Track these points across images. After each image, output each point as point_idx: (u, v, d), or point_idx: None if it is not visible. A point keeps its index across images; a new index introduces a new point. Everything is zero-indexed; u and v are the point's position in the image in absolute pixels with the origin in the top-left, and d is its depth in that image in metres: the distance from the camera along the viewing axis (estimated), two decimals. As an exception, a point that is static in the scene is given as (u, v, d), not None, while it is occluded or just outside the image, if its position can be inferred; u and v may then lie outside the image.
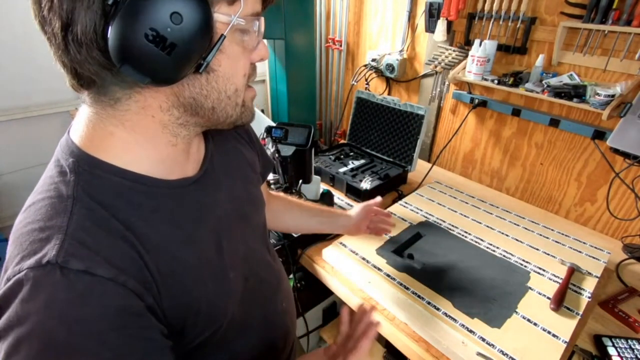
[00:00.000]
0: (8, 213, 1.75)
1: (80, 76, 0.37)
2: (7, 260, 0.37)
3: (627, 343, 0.81)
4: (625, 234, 1.22)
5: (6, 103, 1.58)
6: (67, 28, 0.33)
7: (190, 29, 0.33)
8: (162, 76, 0.36)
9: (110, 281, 0.35)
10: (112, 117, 0.40)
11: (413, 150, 1.43)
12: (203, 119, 0.43)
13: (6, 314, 0.34)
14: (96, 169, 0.39)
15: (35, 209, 0.38)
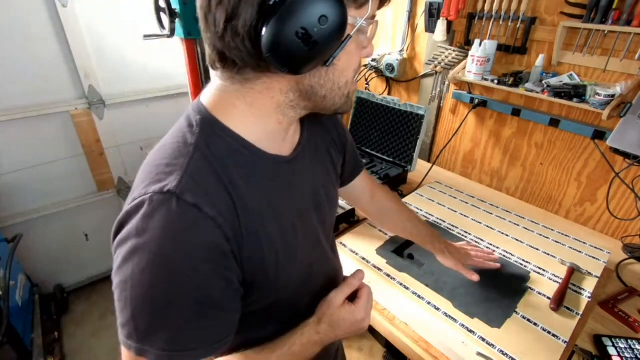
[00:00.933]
0: (8, 213, 1.75)
1: (224, 58, 0.44)
2: (134, 186, 0.45)
3: (627, 343, 0.81)
4: (625, 234, 1.22)
5: (6, 103, 1.58)
6: (230, 20, 0.40)
7: (331, 30, 0.40)
8: (297, 67, 0.42)
9: (212, 220, 0.42)
10: (238, 92, 0.47)
11: (413, 150, 1.43)
12: (312, 104, 0.49)
13: (127, 227, 0.41)
14: (217, 128, 0.47)
15: (165, 149, 0.46)
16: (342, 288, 0.60)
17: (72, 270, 2.06)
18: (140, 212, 0.41)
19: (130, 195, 0.44)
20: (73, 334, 1.89)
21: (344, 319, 0.58)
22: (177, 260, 0.40)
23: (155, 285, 0.40)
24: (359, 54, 0.49)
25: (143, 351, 0.42)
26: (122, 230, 0.42)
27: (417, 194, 1.36)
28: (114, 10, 1.68)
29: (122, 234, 0.42)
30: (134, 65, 1.83)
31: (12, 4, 1.47)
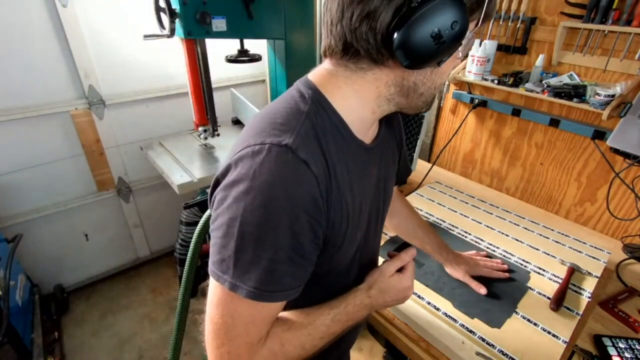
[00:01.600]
0: (8, 213, 1.75)
1: (348, 47, 0.48)
2: (243, 138, 0.49)
3: (627, 343, 0.81)
4: (625, 234, 1.22)
5: (6, 103, 1.58)
6: (368, 16, 0.44)
7: (456, 34, 0.45)
8: (419, 62, 0.46)
9: (315, 177, 0.46)
10: (348, 78, 0.51)
11: (413, 150, 1.43)
12: (406, 100, 0.54)
13: (240, 169, 0.46)
14: (324, 103, 0.51)
15: (278, 111, 0.50)
16: (394, 261, 0.67)
17: (72, 270, 2.06)
18: (258, 158, 0.45)
19: (238, 145, 0.49)
20: (73, 334, 1.89)
21: (393, 286, 0.66)
22: (286, 206, 0.44)
23: (263, 225, 0.44)
24: (454, 60, 0.53)
25: (236, 287, 0.46)
26: (233, 173, 0.46)
27: (417, 194, 1.36)
28: (114, 10, 1.68)
29: (235, 175, 0.46)
30: (134, 65, 1.83)
31: (12, 4, 1.47)
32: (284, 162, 0.45)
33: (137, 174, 2.06)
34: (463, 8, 0.44)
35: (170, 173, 1.57)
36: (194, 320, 1.97)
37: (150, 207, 2.19)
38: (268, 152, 0.45)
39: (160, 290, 2.16)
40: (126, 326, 1.94)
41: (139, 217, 2.17)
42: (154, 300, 2.09)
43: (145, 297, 2.11)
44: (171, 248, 2.38)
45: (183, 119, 2.08)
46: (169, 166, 1.63)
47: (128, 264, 2.27)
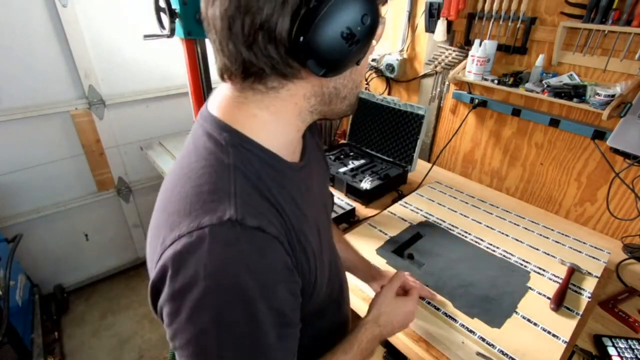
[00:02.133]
0: (8, 213, 1.75)
1: (249, 67, 0.41)
2: (169, 219, 0.41)
3: (627, 343, 0.81)
4: (625, 234, 1.22)
5: (6, 103, 1.58)
6: (262, 28, 0.38)
7: (369, 28, 0.40)
8: (337, 68, 0.41)
9: (276, 239, 0.41)
10: (260, 102, 0.45)
11: (413, 150, 1.43)
12: (329, 107, 0.49)
13: (187, 270, 0.37)
14: (246, 143, 0.45)
15: (196, 173, 0.42)
16: (392, 282, 0.68)
17: (72, 270, 2.06)
18: (201, 249, 0.37)
19: (162, 229, 0.40)
20: (73, 334, 1.89)
21: (399, 308, 0.66)
22: (259, 290, 0.38)
23: (240, 325, 0.38)
24: (370, 52, 0.49)
25: None
26: (176, 277, 0.37)
27: (417, 194, 1.36)
28: (114, 10, 1.68)
29: (181, 280, 0.37)
30: (134, 65, 1.83)
31: (12, 4, 1.47)
32: (236, 240, 0.38)
33: (137, 174, 2.06)
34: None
35: (170, 173, 1.57)
36: (194, 320, 1.97)
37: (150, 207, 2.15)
38: (212, 237, 0.37)
39: (160, 290, 2.16)
40: (126, 326, 1.94)
41: (139, 217, 2.17)
42: (154, 300, 2.09)
43: (145, 297, 2.11)
44: (171, 248, 2.37)
45: (183, 119, 2.08)
46: (169, 166, 1.63)
47: (128, 264, 2.27)
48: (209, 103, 0.50)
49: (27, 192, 1.77)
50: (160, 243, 0.40)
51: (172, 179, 0.46)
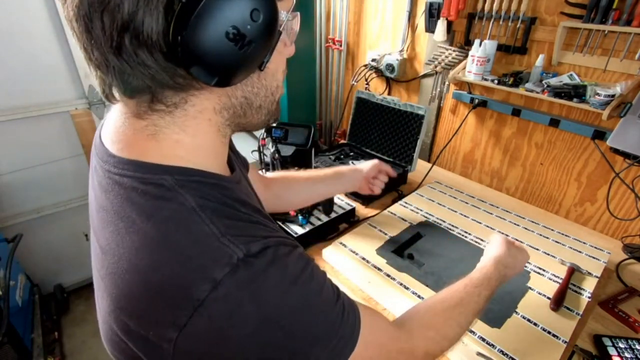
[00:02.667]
0: (8, 213, 1.75)
1: (129, 83, 0.35)
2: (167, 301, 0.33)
3: (627, 343, 0.81)
4: (625, 234, 1.22)
5: (6, 103, 1.58)
6: (126, 29, 0.31)
7: (265, 26, 0.33)
8: (230, 76, 0.35)
9: (282, 244, 0.38)
10: (173, 125, 0.38)
11: (413, 150, 1.43)
12: (246, 119, 0.43)
13: (242, 327, 0.33)
14: (191, 176, 0.39)
15: (165, 237, 0.35)
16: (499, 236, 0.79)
17: (72, 270, 2.06)
18: (237, 300, 0.33)
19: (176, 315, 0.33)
20: (73, 334, 1.89)
21: (518, 251, 0.75)
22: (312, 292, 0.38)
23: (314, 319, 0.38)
24: (284, 53, 0.44)
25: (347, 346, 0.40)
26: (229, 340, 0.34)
27: (417, 194, 1.36)
28: (114, 10, 1.68)
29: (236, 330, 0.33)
30: (134, 65, 1.83)
31: (12, 4, 1.47)
32: (261, 271, 0.35)
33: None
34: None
35: (170, 173, 1.57)
36: (194, 320, 1.97)
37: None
38: (237, 285, 0.33)
39: (160, 290, 2.16)
40: (126, 326, 1.94)
41: (139, 217, 2.16)
42: (154, 300, 2.09)
43: (145, 297, 2.11)
44: (171, 248, 2.38)
45: (183, 119, 2.08)
46: (169, 166, 1.63)
47: (128, 264, 2.27)
48: (105, 141, 0.42)
49: (27, 192, 1.77)
50: (169, 327, 0.33)
51: (122, 261, 0.36)
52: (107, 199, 0.39)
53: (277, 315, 0.35)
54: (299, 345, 0.36)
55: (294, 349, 0.36)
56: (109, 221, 0.38)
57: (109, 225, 0.38)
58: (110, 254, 0.37)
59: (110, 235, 0.37)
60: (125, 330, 0.36)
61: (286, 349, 0.36)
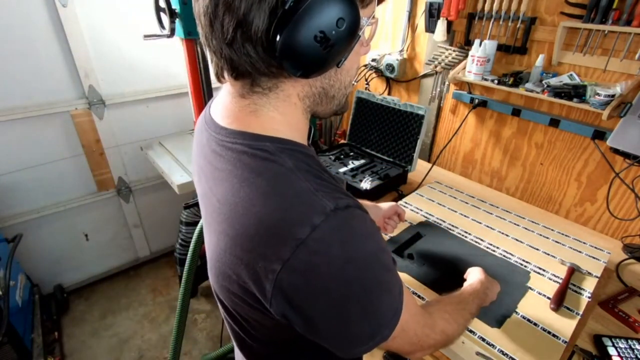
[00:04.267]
0: (8, 213, 1.75)
1: (236, 68, 0.43)
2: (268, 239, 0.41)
3: (627, 343, 0.81)
4: (625, 234, 1.22)
5: (6, 103, 1.58)
6: (240, 26, 0.39)
7: (347, 32, 0.40)
8: (312, 70, 0.42)
9: (358, 208, 0.45)
10: (269, 105, 0.47)
11: (413, 150, 1.43)
12: (321, 107, 0.51)
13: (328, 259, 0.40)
14: (287, 145, 0.47)
15: (271, 188, 0.43)
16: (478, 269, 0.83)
17: (72, 270, 2.06)
18: (331, 240, 0.40)
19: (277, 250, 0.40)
20: (73, 334, 1.89)
21: (492, 284, 0.81)
22: (378, 247, 0.45)
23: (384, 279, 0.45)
24: (360, 52, 0.49)
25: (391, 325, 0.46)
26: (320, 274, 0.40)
27: (417, 194, 1.36)
28: (114, 10, 1.68)
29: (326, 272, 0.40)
30: (134, 65, 1.83)
31: (12, 4, 1.47)
32: (346, 222, 0.42)
33: (137, 174, 2.06)
34: (352, 0, 0.39)
35: (170, 173, 1.57)
36: (194, 320, 1.97)
37: (150, 207, 2.19)
38: (330, 229, 0.41)
39: (160, 290, 2.16)
40: (126, 326, 1.94)
41: (139, 217, 2.17)
42: (154, 300, 2.09)
43: (145, 297, 2.11)
44: (171, 248, 2.38)
45: (183, 119, 2.08)
46: (169, 166, 1.63)
47: (128, 264, 2.27)
48: (215, 116, 0.51)
49: (27, 192, 1.77)
50: (275, 260, 0.40)
51: (238, 207, 0.44)
52: (220, 161, 0.48)
53: (358, 257, 0.42)
54: (369, 286, 0.43)
55: (367, 287, 0.43)
56: (224, 178, 0.47)
57: (224, 182, 0.46)
58: (227, 203, 0.45)
59: (225, 189, 0.46)
60: (238, 263, 0.44)
61: (361, 286, 0.42)
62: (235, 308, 0.53)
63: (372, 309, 0.44)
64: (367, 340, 0.45)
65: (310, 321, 0.43)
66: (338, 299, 0.42)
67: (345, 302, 0.42)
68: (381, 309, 0.45)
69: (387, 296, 0.45)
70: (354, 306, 0.42)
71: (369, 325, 0.44)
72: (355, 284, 0.42)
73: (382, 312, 0.45)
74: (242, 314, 0.53)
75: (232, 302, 0.51)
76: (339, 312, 0.42)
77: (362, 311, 0.43)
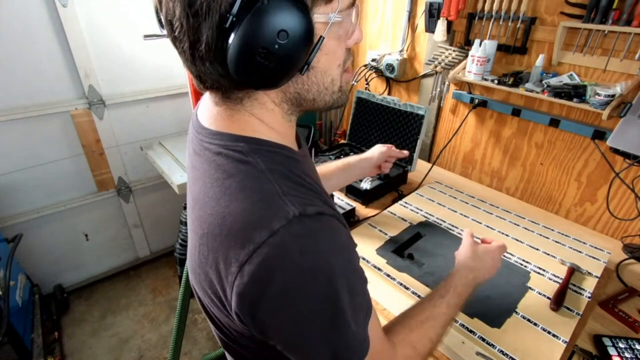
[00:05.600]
0: (8, 213, 1.75)
1: (205, 82, 0.44)
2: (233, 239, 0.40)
3: (627, 343, 0.81)
4: (625, 234, 1.22)
5: (6, 103, 1.58)
6: (194, 46, 0.39)
7: (295, 42, 0.38)
8: (271, 83, 0.42)
9: (333, 217, 0.44)
10: (244, 110, 0.47)
11: (413, 150, 1.43)
12: (305, 107, 0.50)
13: (284, 267, 0.38)
14: (262, 145, 0.46)
15: (239, 190, 0.42)
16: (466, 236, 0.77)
17: (72, 270, 2.06)
18: (287, 249, 0.39)
19: (237, 253, 0.39)
20: (73, 334, 1.89)
21: (485, 254, 0.74)
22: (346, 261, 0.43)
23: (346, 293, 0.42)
24: (341, 46, 0.47)
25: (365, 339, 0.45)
26: (275, 280, 0.38)
27: (417, 194, 1.36)
28: (114, 10, 1.68)
29: (282, 280, 0.39)
30: (134, 65, 1.83)
31: (12, 4, 1.47)
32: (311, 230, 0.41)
33: (137, 174, 2.06)
34: (292, 8, 0.37)
35: (170, 173, 1.57)
36: (194, 320, 1.97)
37: (150, 207, 2.19)
38: (290, 235, 0.39)
39: (160, 290, 2.16)
40: (126, 326, 1.94)
41: (139, 217, 2.17)
42: (154, 300, 2.09)
43: (145, 297, 2.11)
44: (171, 248, 2.38)
45: (183, 119, 2.08)
46: (169, 166, 1.63)
47: (128, 264, 2.27)
48: (200, 117, 0.52)
49: (27, 192, 1.77)
50: (234, 262, 0.40)
51: (207, 207, 0.44)
52: (198, 160, 0.49)
53: (318, 272, 0.40)
54: (327, 305, 0.40)
55: (330, 308, 0.40)
56: (199, 177, 0.48)
57: (199, 180, 0.47)
58: (199, 202, 0.46)
59: (199, 188, 0.47)
60: (205, 262, 0.44)
61: (323, 302, 0.40)
62: (210, 309, 0.51)
63: (331, 332, 0.41)
64: None
65: (266, 332, 0.42)
66: (293, 313, 0.40)
67: (300, 317, 0.40)
68: (341, 339, 0.42)
69: (347, 327, 0.42)
70: (310, 324, 0.40)
71: (329, 350, 0.42)
72: (313, 299, 0.39)
73: (343, 340, 0.42)
74: (216, 315, 0.51)
75: (207, 302, 0.50)
76: (295, 327, 0.40)
77: (319, 332, 0.41)
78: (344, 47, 0.48)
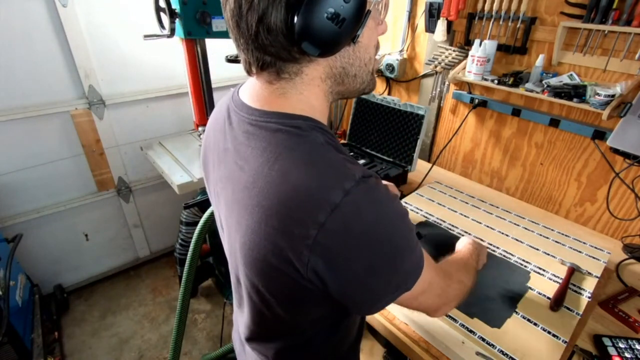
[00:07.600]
0: (8, 213, 1.75)
1: (262, 60, 0.48)
2: (305, 205, 0.44)
3: (627, 343, 0.81)
4: (625, 234, 1.22)
5: (6, 103, 1.58)
6: (261, 20, 0.44)
7: (355, 6, 0.44)
8: (330, 48, 0.46)
9: (378, 178, 0.49)
10: (295, 89, 0.51)
11: (413, 150, 1.43)
12: (344, 87, 0.55)
13: (364, 221, 0.45)
14: (315, 124, 0.51)
15: (307, 158, 0.47)
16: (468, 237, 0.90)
17: (72, 270, 2.06)
18: (363, 203, 0.45)
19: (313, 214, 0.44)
20: (73, 334, 1.89)
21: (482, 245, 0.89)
22: (404, 211, 0.50)
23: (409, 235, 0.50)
24: (376, 30, 0.54)
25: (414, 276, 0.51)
26: (355, 230, 0.44)
27: (417, 194, 1.36)
28: (114, 10, 1.68)
29: (359, 227, 0.45)
30: (134, 65, 1.83)
31: (12, 4, 1.47)
32: (373, 189, 0.47)
33: (137, 174, 2.06)
34: None
35: (170, 173, 1.57)
36: (194, 320, 1.97)
37: (150, 207, 2.19)
38: (362, 193, 0.45)
39: (160, 290, 2.16)
40: (126, 326, 1.94)
41: (139, 217, 2.17)
42: (154, 300, 2.09)
43: (145, 297, 2.11)
44: (171, 248, 2.38)
45: (183, 119, 2.08)
46: (169, 166, 1.63)
47: (128, 264, 2.27)
48: (245, 99, 0.55)
49: (27, 192, 1.77)
50: (311, 223, 0.44)
51: (273, 180, 0.47)
52: (254, 139, 0.51)
53: (387, 218, 0.47)
54: (398, 243, 0.48)
55: (396, 244, 0.48)
56: (258, 155, 0.50)
57: (259, 157, 0.50)
58: (262, 176, 0.48)
59: (260, 164, 0.49)
60: (274, 233, 0.46)
61: (391, 242, 0.47)
62: (268, 285, 0.53)
63: (400, 262, 0.49)
64: (393, 290, 0.50)
65: (343, 278, 0.47)
66: (371, 256, 0.46)
67: (377, 257, 0.47)
68: (407, 262, 0.50)
69: (411, 252, 0.50)
70: (384, 261, 0.47)
71: (395, 277, 0.49)
72: (386, 241, 0.47)
73: (407, 266, 0.50)
74: (272, 289, 0.54)
75: (265, 277, 0.52)
76: (371, 267, 0.47)
77: (391, 265, 0.48)
78: (377, 33, 0.54)
